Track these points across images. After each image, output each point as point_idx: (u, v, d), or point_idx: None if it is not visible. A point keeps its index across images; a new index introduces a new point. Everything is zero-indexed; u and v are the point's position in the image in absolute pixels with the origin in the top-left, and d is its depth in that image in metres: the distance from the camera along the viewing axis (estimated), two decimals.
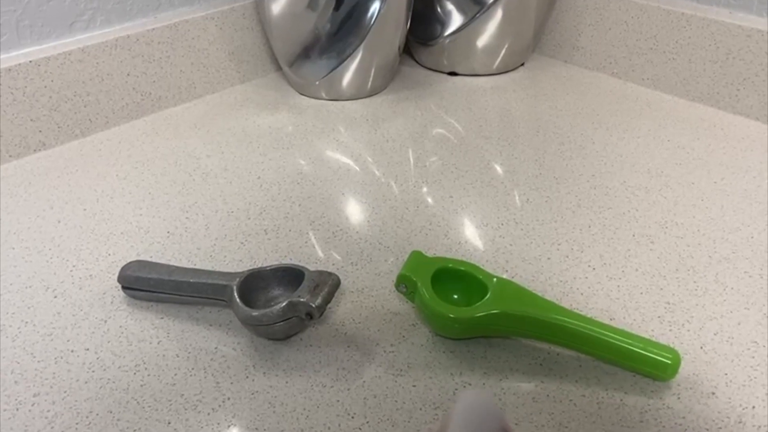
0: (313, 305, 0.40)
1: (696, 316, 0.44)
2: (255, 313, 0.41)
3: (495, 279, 0.43)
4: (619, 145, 0.65)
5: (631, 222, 0.54)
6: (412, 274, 0.42)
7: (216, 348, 0.43)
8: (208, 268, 0.50)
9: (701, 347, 0.42)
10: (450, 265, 0.43)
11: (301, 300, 0.40)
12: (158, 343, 0.44)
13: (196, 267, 0.50)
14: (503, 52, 0.81)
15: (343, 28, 0.70)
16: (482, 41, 0.79)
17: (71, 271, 0.50)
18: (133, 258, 0.51)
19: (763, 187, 0.58)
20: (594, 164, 0.62)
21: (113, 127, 0.71)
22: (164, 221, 0.56)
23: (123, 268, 0.47)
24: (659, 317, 0.44)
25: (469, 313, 0.40)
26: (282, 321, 0.41)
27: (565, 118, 0.71)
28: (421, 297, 0.41)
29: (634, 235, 0.52)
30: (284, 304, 0.40)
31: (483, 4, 0.75)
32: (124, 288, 0.47)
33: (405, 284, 0.42)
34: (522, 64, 0.85)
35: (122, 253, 0.52)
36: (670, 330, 0.43)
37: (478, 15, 0.76)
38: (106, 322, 0.45)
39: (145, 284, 0.46)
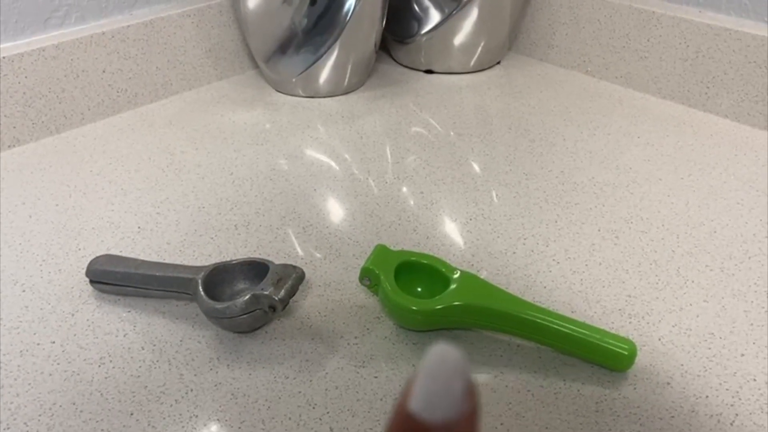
0: (276, 298, 0.40)
1: (656, 308, 0.45)
2: (218, 305, 0.41)
3: (458, 272, 0.43)
4: (590, 141, 0.66)
5: (597, 217, 0.55)
6: (375, 267, 0.43)
7: (181, 341, 0.43)
8: (177, 262, 0.50)
9: (659, 339, 0.43)
10: (413, 259, 0.44)
11: (264, 293, 0.41)
12: (124, 336, 0.44)
13: (165, 261, 0.50)
14: (479, 50, 0.81)
15: (319, 23, 0.70)
16: (458, 39, 0.80)
17: (40, 265, 0.50)
18: (103, 252, 0.52)
19: (728, 183, 0.59)
20: (563, 160, 0.63)
21: (88, 123, 0.71)
22: (135, 216, 0.56)
23: (91, 262, 0.47)
24: (620, 310, 0.45)
25: (430, 306, 0.41)
26: (245, 314, 0.41)
27: (538, 115, 0.72)
28: (384, 290, 0.42)
29: (599, 230, 0.53)
30: (247, 297, 0.41)
31: (459, 1, 0.76)
32: (92, 282, 0.47)
33: (369, 277, 0.43)
34: (498, 63, 0.86)
35: (92, 248, 0.52)
36: (630, 322, 0.44)
37: (454, 12, 0.77)
38: (73, 315, 0.46)
39: (113, 278, 0.46)
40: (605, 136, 0.67)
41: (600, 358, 0.40)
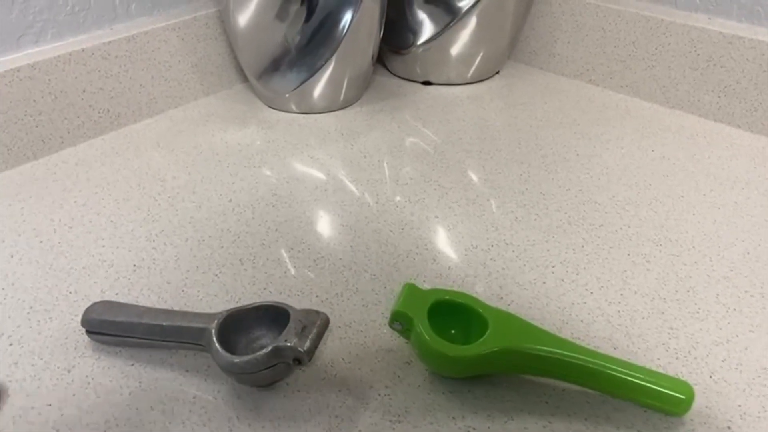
0: (302, 350, 0.37)
1: (701, 341, 0.43)
2: (237, 360, 0.37)
3: (494, 311, 0.40)
4: (604, 156, 0.64)
5: (625, 240, 0.52)
6: (407, 310, 0.39)
7: (194, 398, 0.39)
8: (181, 304, 0.46)
9: (710, 376, 0.40)
10: (447, 298, 0.41)
11: (288, 345, 0.37)
12: (130, 394, 0.40)
13: (167, 305, 0.46)
14: (478, 60, 0.78)
15: (315, 39, 0.66)
16: (456, 49, 0.77)
17: (28, 313, 0.45)
18: (97, 296, 0.47)
19: (752, 198, 0.57)
20: (580, 178, 0.60)
21: (68, 147, 0.66)
22: (129, 253, 0.51)
23: (87, 311, 0.43)
24: (664, 344, 0.42)
25: (472, 352, 0.37)
26: (267, 368, 0.37)
27: (546, 128, 0.69)
28: (418, 335, 0.38)
29: (629, 254, 0.50)
30: (269, 349, 0.37)
31: (457, 12, 0.73)
32: (88, 332, 0.43)
33: (400, 321, 0.39)
34: (497, 72, 0.83)
35: (85, 290, 0.47)
36: (677, 358, 0.41)
37: (452, 23, 0.74)
38: (69, 371, 0.41)
39: (113, 328, 0.42)
40: (619, 149, 0.65)
41: (656, 402, 0.37)
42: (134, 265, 0.50)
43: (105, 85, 0.67)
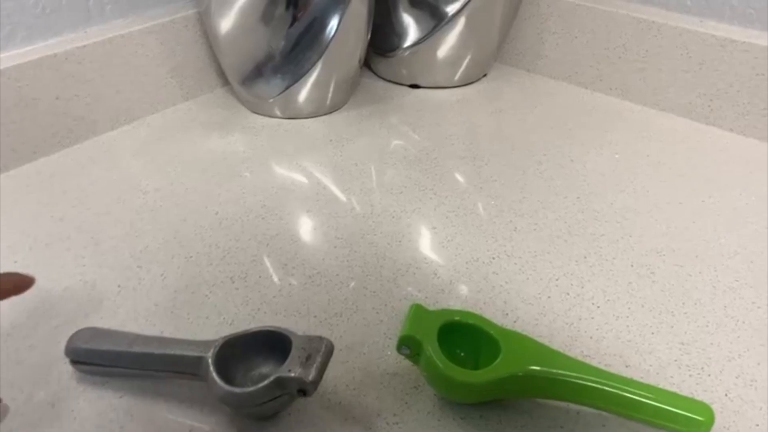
0: (308, 380, 0.34)
1: (713, 357, 0.42)
2: (238, 391, 0.35)
3: (505, 332, 0.38)
4: (599, 162, 0.63)
5: (627, 250, 0.51)
6: (415, 333, 0.37)
7: (191, 430, 0.37)
8: (171, 327, 0.44)
9: (725, 394, 0.39)
10: (457, 318, 0.39)
11: (293, 375, 0.35)
12: (120, 429, 0.37)
13: (156, 329, 0.43)
14: (465, 63, 0.76)
15: (301, 42, 0.64)
16: (443, 52, 0.75)
17: (5, 341, 0.42)
18: (81, 320, 0.44)
19: (750, 204, 0.56)
20: (577, 184, 0.59)
21: (42, 157, 0.63)
22: (113, 272, 0.49)
23: (71, 338, 0.40)
24: (675, 361, 0.41)
25: (487, 377, 0.36)
26: (270, 400, 0.35)
27: (538, 133, 0.68)
28: (428, 360, 0.36)
29: (632, 265, 0.49)
30: (272, 380, 0.35)
31: (445, 15, 0.71)
32: (73, 362, 0.40)
33: (408, 346, 0.37)
34: (484, 75, 0.81)
35: (66, 314, 0.45)
36: (690, 375, 0.40)
37: (439, 26, 0.72)
38: (53, 406, 0.38)
39: (100, 358, 0.39)
40: (612, 154, 0.64)
41: (675, 425, 0.36)
42: (118, 286, 0.47)
43: (79, 91, 0.64)
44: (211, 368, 0.36)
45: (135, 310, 0.45)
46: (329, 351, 0.36)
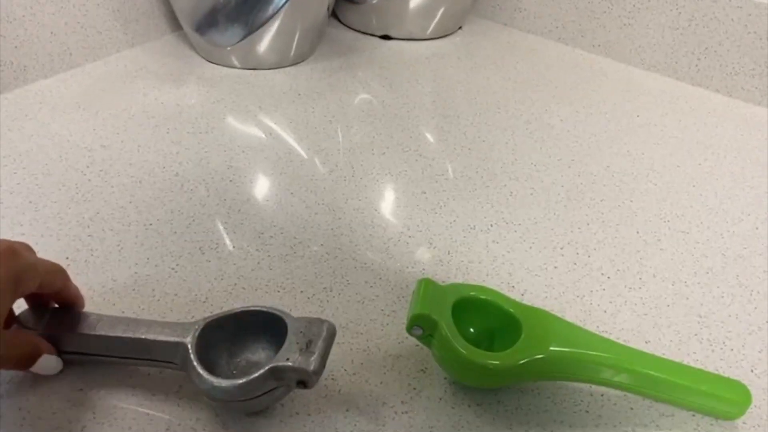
0: (310, 369, 0.29)
1: (734, 330, 0.39)
2: (226, 384, 0.30)
3: (525, 309, 0.34)
4: (589, 122, 0.59)
5: (631, 217, 0.48)
6: (429, 311, 0.32)
7: (168, 429, 0.31)
8: (134, 307, 0.37)
9: (751, 370, 0.37)
10: (472, 294, 0.34)
11: (291, 365, 0.29)
12: (82, 430, 0.31)
13: (116, 309, 0.37)
14: (440, 14, 0.71)
15: None
16: (417, 1, 0.69)
17: None
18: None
19: (747, 168, 0.54)
20: (569, 146, 0.55)
21: None
22: (59, 242, 0.42)
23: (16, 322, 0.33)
24: (696, 335, 0.38)
25: (511, 361, 0.32)
26: (263, 393, 0.30)
27: (523, 91, 0.63)
28: (445, 341, 0.32)
29: (638, 233, 0.46)
30: (267, 369, 0.29)
31: None
32: None
33: (421, 326, 0.33)
34: (459, 28, 0.76)
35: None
36: (713, 351, 0.38)
37: None
38: None
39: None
40: (602, 114, 0.60)
41: (707, 407, 0.33)
42: (67, 257, 0.40)
43: (7, 33, 0.55)
44: (192, 356, 0.31)
45: (89, 285, 0.38)
46: (331, 335, 0.31)
